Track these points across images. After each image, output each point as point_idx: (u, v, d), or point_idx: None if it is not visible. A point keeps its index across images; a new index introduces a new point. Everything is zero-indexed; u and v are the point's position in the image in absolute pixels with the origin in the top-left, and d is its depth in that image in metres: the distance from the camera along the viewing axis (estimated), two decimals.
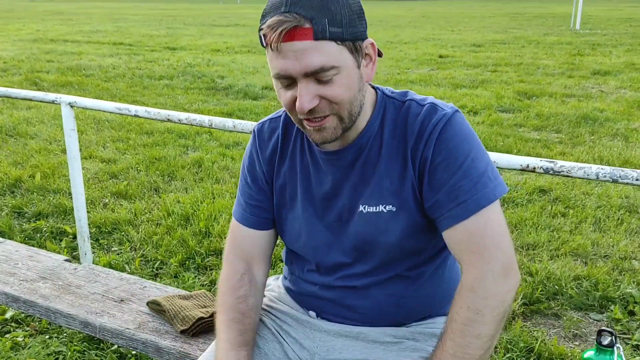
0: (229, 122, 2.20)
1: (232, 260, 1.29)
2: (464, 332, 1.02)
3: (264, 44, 1.03)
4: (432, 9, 38.35)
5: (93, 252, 2.96)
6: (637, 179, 1.54)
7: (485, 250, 1.05)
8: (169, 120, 2.32)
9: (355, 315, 1.23)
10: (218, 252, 3.16)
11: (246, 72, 9.96)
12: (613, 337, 1.08)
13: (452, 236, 1.08)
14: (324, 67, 1.00)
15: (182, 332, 1.55)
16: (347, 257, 1.21)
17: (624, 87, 8.17)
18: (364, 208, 1.16)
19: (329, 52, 1.00)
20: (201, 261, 3.06)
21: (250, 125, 2.16)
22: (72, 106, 2.54)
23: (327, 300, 1.25)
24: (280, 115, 1.28)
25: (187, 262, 3.05)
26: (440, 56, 11.80)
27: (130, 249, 3.23)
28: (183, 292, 1.73)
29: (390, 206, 1.14)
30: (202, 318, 1.57)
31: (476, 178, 1.07)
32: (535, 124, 6.15)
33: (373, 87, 1.19)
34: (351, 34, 1.03)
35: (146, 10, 37.44)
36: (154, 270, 2.99)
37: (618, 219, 3.58)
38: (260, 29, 1.03)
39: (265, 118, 1.32)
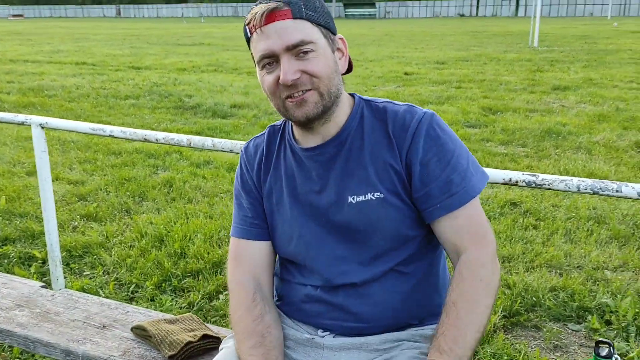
0: (208, 141, 2.18)
1: (240, 280, 1.28)
2: (478, 302, 1.10)
3: (249, 34, 1.16)
4: (393, 27, 39.06)
5: (65, 277, 2.87)
6: (617, 191, 1.58)
7: (481, 233, 1.17)
8: (145, 140, 2.28)
9: (358, 322, 1.23)
10: (195, 274, 3.10)
11: (214, 90, 9.90)
12: (610, 347, 1.10)
13: (447, 224, 1.18)
14: (303, 40, 1.12)
15: (170, 357, 1.50)
16: (341, 250, 1.23)
17: (583, 101, 8.44)
18: (353, 198, 1.20)
19: (306, 29, 1.13)
20: (178, 283, 2.99)
21: (229, 143, 2.14)
22: (43, 127, 2.47)
23: (327, 303, 1.25)
24: (264, 133, 1.35)
25: (163, 285, 2.98)
26: (406, 73, 12.00)
27: (103, 272, 3.14)
28: (168, 316, 1.68)
29: (378, 193, 1.19)
30: (190, 342, 1.52)
31: (463, 172, 1.18)
32: (502, 138, 6.28)
33: (350, 94, 1.29)
34: (324, 22, 1.17)
35: (108, 30, 37.02)
36: (129, 293, 2.91)
37: (588, 230, 3.67)
38: (245, 25, 1.17)
39: (251, 139, 1.38)
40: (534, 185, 1.69)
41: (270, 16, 1.12)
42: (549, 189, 1.67)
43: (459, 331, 1.07)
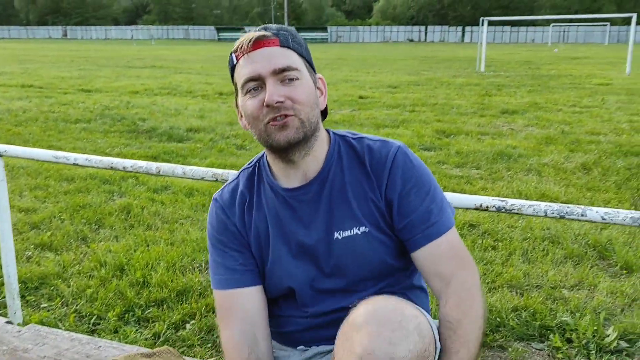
0: (178, 169, 2.15)
1: (233, 340, 1.23)
2: (480, 318, 1.16)
3: (235, 61, 1.20)
4: (346, 51, 39.73)
5: (22, 310, 2.74)
6: (582, 215, 1.66)
7: (465, 259, 1.22)
8: (112, 168, 2.23)
9: None
10: (159, 303, 3.02)
11: (168, 114, 9.78)
12: None
13: (430, 253, 1.21)
14: (290, 66, 1.17)
15: None
16: (330, 284, 1.25)
17: (531, 124, 8.79)
18: (339, 234, 1.23)
19: (292, 57, 1.19)
20: (141, 313, 2.91)
21: (200, 171, 2.12)
22: (1, 156, 2.39)
23: (318, 327, 1.27)
24: (237, 177, 1.37)
25: (126, 315, 2.89)
26: (361, 97, 12.19)
27: (62, 304, 3.02)
28: (144, 350, 1.63)
29: (363, 227, 1.23)
30: None
31: (440, 202, 1.25)
32: (456, 161, 6.45)
33: (325, 130, 1.33)
34: (307, 57, 1.23)
35: (55, 51, 36.09)
36: (91, 326, 2.81)
37: (543, 250, 3.80)
38: (231, 53, 1.21)
39: (222, 186, 1.38)
40: (503, 210, 1.75)
41: (259, 43, 1.16)
42: (518, 213, 1.73)
43: (468, 350, 1.12)
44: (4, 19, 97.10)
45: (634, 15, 17.80)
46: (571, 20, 66.29)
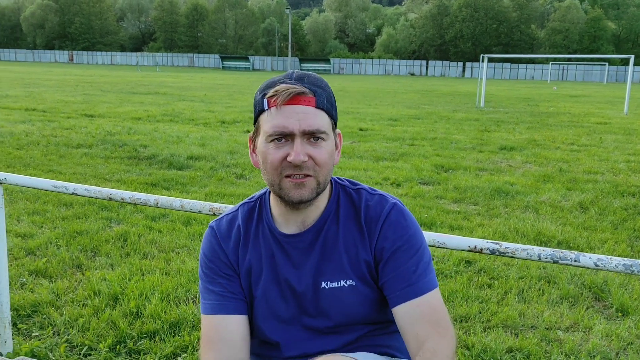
0: (176, 202, 2.17)
1: (212, 356, 1.26)
2: None
3: (266, 107, 1.20)
4: (348, 83, 40.18)
5: (13, 339, 2.72)
6: (575, 260, 1.67)
7: (443, 325, 1.22)
8: (110, 199, 2.25)
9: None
10: (151, 334, 3.00)
11: (169, 141, 9.85)
12: None
13: (409, 311, 1.22)
14: (320, 129, 1.20)
15: None
16: (314, 330, 1.29)
17: (529, 161, 8.85)
18: (327, 284, 1.27)
19: (324, 120, 1.22)
20: (133, 345, 2.88)
21: (198, 204, 2.13)
22: (1, 183, 2.41)
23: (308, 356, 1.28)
24: (236, 210, 1.39)
25: (117, 347, 2.86)
26: (361, 129, 12.29)
27: (53, 333, 3.00)
28: None
29: (351, 281, 1.27)
30: None
31: (426, 263, 1.27)
32: (454, 196, 6.47)
33: None
34: (335, 117, 1.26)
35: (59, 75, 36.51)
36: (81, 356, 2.78)
37: (539, 289, 3.79)
38: (264, 94, 1.21)
39: (221, 215, 1.41)
40: (497, 253, 1.76)
41: (296, 98, 1.18)
42: (512, 257, 1.74)
43: None
44: (12, 41, 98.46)
45: (632, 57, 18.07)
46: (570, 59, 67.22)
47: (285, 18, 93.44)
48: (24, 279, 3.70)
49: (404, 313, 1.22)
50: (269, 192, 1.34)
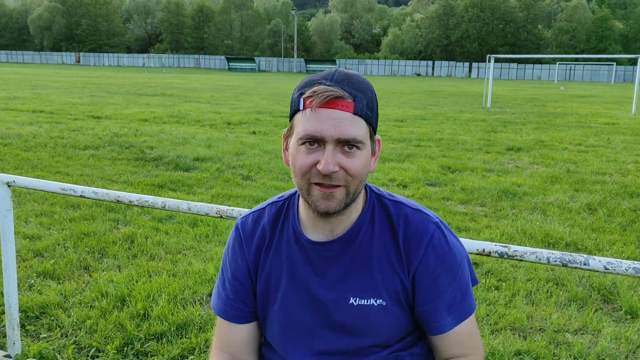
0: (183, 205, 2.17)
1: (215, 355, 1.27)
2: None
3: (302, 107, 1.12)
4: None
5: (21, 340, 2.73)
6: (584, 264, 1.66)
7: (478, 346, 1.22)
8: (118, 201, 2.26)
9: None
10: (158, 336, 3.01)
11: (176, 142, 9.87)
12: None
13: (449, 339, 1.21)
14: (355, 139, 1.11)
15: None
16: (333, 345, 1.23)
17: (536, 162, 8.81)
18: (355, 300, 1.20)
19: (361, 128, 1.12)
20: (140, 347, 2.89)
21: (205, 207, 2.14)
22: (10, 186, 2.42)
23: None
24: (264, 207, 1.32)
25: (125, 349, 2.87)
26: None
27: (61, 335, 3.01)
28: None
29: (381, 300, 1.20)
30: None
31: (465, 287, 1.23)
32: (461, 197, 6.45)
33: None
34: (375, 124, 1.16)
35: (67, 77, 36.68)
36: (89, 358, 2.79)
37: (547, 292, 3.77)
38: (301, 93, 1.12)
39: (248, 212, 1.35)
40: (506, 256, 1.75)
41: (333, 102, 1.09)
42: (520, 260, 1.73)
43: None
44: (19, 44, 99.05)
45: None
46: (577, 59, 66.90)
47: (291, 19, 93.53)
48: (32, 281, 3.72)
49: (442, 341, 1.22)
50: (299, 194, 1.25)
